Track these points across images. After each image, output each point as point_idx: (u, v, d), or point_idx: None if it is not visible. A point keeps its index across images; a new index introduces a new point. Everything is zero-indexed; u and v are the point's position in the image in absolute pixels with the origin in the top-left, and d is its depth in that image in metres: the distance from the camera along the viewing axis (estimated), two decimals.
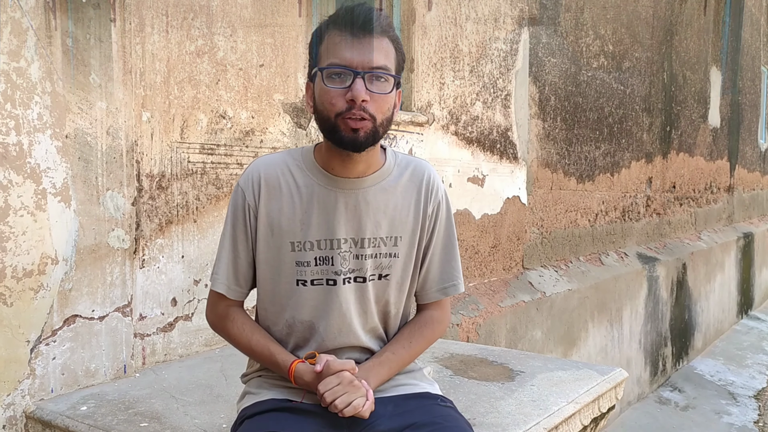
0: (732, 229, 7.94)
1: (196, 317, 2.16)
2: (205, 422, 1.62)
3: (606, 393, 1.92)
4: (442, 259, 1.40)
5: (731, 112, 7.92)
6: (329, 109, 1.21)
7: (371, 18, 1.20)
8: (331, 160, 1.30)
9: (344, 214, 1.30)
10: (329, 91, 1.21)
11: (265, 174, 1.32)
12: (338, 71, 1.20)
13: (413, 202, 1.35)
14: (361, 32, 1.20)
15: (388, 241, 1.33)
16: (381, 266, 1.33)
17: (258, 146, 2.33)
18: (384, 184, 1.33)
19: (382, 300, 1.35)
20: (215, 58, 2.17)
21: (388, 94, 1.23)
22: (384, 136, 1.27)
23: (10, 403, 1.70)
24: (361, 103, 1.19)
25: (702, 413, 5.04)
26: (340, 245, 1.30)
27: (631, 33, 5.34)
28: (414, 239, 1.36)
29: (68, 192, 1.80)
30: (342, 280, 1.31)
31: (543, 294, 3.90)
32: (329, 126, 1.23)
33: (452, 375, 2.00)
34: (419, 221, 1.36)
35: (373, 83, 1.21)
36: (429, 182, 1.37)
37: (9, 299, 1.68)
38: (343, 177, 1.30)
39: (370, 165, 1.31)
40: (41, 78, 1.73)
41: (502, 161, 3.76)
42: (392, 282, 1.34)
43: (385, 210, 1.32)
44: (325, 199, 1.30)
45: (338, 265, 1.30)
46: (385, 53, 1.22)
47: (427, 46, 3.19)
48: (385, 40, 1.23)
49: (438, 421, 1.23)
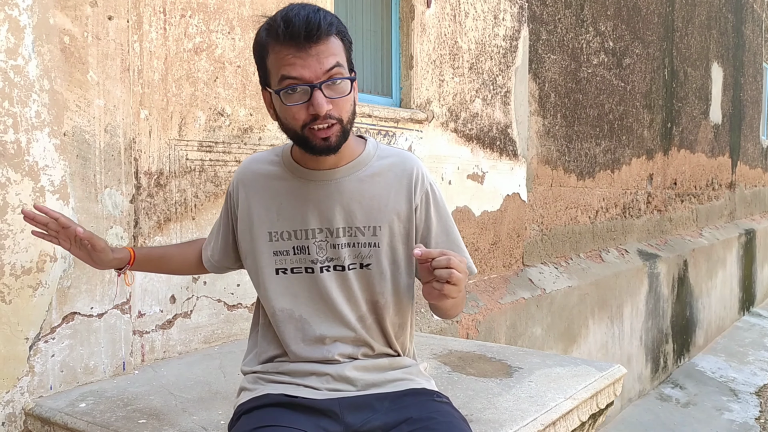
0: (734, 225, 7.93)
1: (195, 314, 2.17)
2: (203, 419, 1.62)
3: (604, 389, 1.92)
4: (448, 246, 1.38)
5: (733, 109, 7.91)
6: (294, 123, 1.21)
7: (312, 27, 1.15)
8: (303, 156, 1.31)
9: (317, 204, 1.32)
10: (290, 108, 1.20)
11: (250, 169, 1.40)
12: (293, 88, 1.18)
13: (394, 192, 1.33)
14: (306, 43, 1.16)
15: (366, 230, 1.32)
16: (361, 255, 1.33)
17: (256, 143, 2.33)
18: (360, 174, 1.33)
19: (367, 289, 1.35)
20: (213, 56, 2.18)
21: (349, 96, 1.22)
22: (351, 129, 1.27)
23: (9, 400, 1.71)
24: (326, 114, 1.18)
25: (703, 410, 5.04)
26: (315, 234, 1.32)
27: (632, 29, 5.33)
28: (398, 229, 1.34)
29: (66, 189, 1.81)
30: (319, 269, 1.32)
31: (543, 291, 3.90)
32: (298, 138, 1.24)
33: (450, 371, 2.00)
34: (404, 212, 1.34)
35: (331, 89, 1.19)
36: (413, 172, 1.35)
37: (8, 297, 1.69)
38: (315, 169, 1.32)
39: (342, 156, 1.31)
40: (39, 76, 1.73)
41: (501, 158, 3.76)
42: (374, 270, 1.34)
43: (360, 200, 1.32)
44: (297, 190, 1.33)
45: (314, 253, 1.32)
46: (333, 53, 1.18)
47: (426, 43, 3.19)
48: (330, 39, 1.18)
49: (433, 416, 1.24)
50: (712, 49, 7.12)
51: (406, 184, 1.34)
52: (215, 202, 2.21)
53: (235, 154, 2.26)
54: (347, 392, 1.31)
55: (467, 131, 3.48)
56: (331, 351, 1.33)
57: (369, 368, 1.35)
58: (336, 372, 1.32)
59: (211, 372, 1.97)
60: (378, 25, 3.13)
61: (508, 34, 3.77)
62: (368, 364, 1.35)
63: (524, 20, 3.90)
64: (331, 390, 1.31)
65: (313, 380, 1.32)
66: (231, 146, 2.25)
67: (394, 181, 1.34)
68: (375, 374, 1.35)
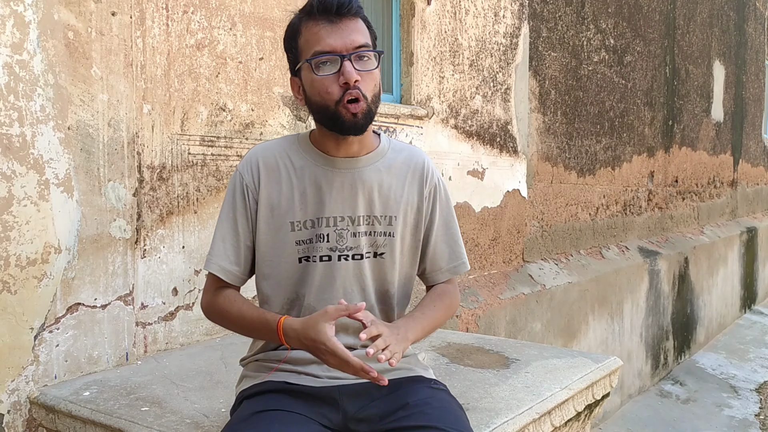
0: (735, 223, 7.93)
1: (196, 307, 2.20)
2: (204, 407, 1.65)
3: (600, 380, 1.95)
4: (446, 240, 1.46)
5: (735, 107, 7.91)
6: (326, 98, 1.25)
7: (344, 2, 1.24)
8: (326, 142, 1.34)
9: (340, 192, 1.34)
10: (321, 79, 1.25)
11: (263, 158, 1.37)
12: (325, 59, 1.24)
13: (407, 184, 1.39)
14: (337, 17, 1.25)
15: (383, 219, 1.37)
16: (376, 244, 1.36)
17: (258, 138, 2.36)
18: (379, 165, 1.37)
19: (378, 279, 1.38)
20: (215, 52, 2.21)
21: (375, 70, 1.28)
22: (376, 113, 1.31)
23: (15, 389, 1.74)
24: (355, 83, 1.23)
25: (703, 406, 5.06)
26: (336, 222, 1.34)
27: (633, 27, 5.34)
28: (409, 220, 1.40)
29: (71, 182, 1.84)
30: (337, 257, 1.34)
31: (543, 286, 3.92)
32: (329, 114, 1.27)
33: (448, 362, 2.03)
34: (416, 203, 1.40)
35: (359, 63, 1.26)
36: (424, 166, 1.42)
37: (13, 287, 1.72)
38: (338, 157, 1.35)
39: (364, 145, 1.36)
40: (44, 70, 1.76)
41: (502, 155, 3.78)
42: (387, 260, 1.38)
43: (379, 189, 1.36)
44: (321, 178, 1.34)
45: (333, 241, 1.34)
46: (362, 32, 1.27)
47: (426, 40, 3.21)
48: (358, 20, 1.27)
49: (428, 401, 1.26)
50: (713, 47, 7.13)
51: (418, 177, 1.40)
52: (217, 196, 2.24)
53: (237, 149, 2.29)
54: (347, 380, 1.34)
55: (467, 128, 3.50)
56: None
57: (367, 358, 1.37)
58: None
59: (213, 363, 2.00)
60: (378, 22, 3.16)
61: (509, 32, 3.79)
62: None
63: (525, 17, 3.92)
64: (331, 378, 1.33)
65: (314, 368, 1.34)
66: (233, 141, 2.28)
67: (408, 173, 1.40)
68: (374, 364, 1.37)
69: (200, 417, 1.59)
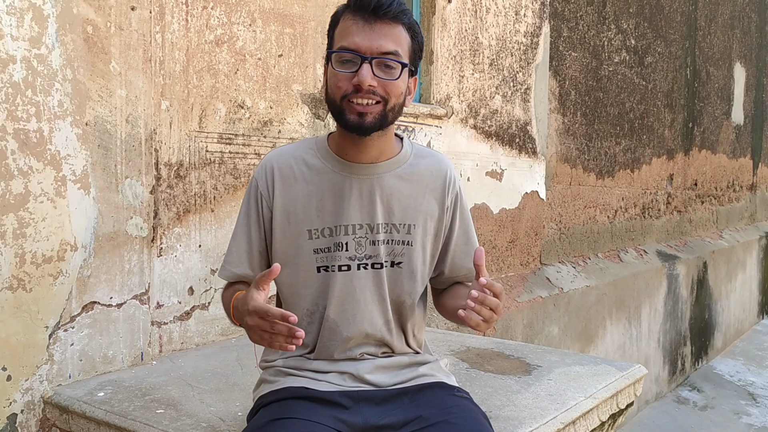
0: (754, 227, 7.82)
1: (212, 306, 2.17)
2: (220, 410, 1.62)
3: (624, 389, 1.90)
4: (466, 249, 1.41)
5: (755, 110, 7.80)
6: (336, 91, 1.22)
7: (383, 3, 1.20)
8: (345, 146, 1.30)
9: (359, 199, 1.30)
10: (337, 74, 1.22)
11: (279, 164, 1.33)
12: (347, 56, 1.21)
13: (429, 192, 1.35)
14: (372, 17, 1.20)
15: (401, 228, 1.32)
16: (394, 253, 1.32)
17: (276, 136, 2.32)
18: (399, 172, 1.32)
19: (395, 288, 1.34)
20: (234, 48, 2.17)
21: (396, 81, 1.22)
22: (394, 121, 1.26)
23: (29, 388, 1.72)
24: (369, 88, 1.19)
25: (721, 413, 4.98)
26: (355, 230, 1.30)
27: (654, 27, 5.26)
28: (429, 229, 1.35)
29: (88, 179, 1.81)
30: (356, 266, 1.30)
31: (560, 290, 3.87)
32: (336, 109, 1.24)
33: (468, 368, 1.98)
34: (437, 212, 1.36)
35: (381, 69, 1.21)
36: (447, 174, 1.37)
37: (28, 285, 1.70)
38: (356, 162, 1.30)
39: (383, 151, 1.31)
40: (62, 65, 1.74)
41: (520, 156, 3.73)
42: (404, 269, 1.33)
43: (399, 197, 1.32)
44: (339, 184, 1.30)
45: (352, 250, 1.30)
46: (395, 39, 1.21)
47: (446, 38, 3.16)
48: (398, 26, 1.22)
49: (452, 410, 1.22)
50: (735, 49, 7.02)
51: (440, 186, 1.36)
52: (234, 195, 2.20)
53: (255, 147, 2.26)
54: (367, 386, 1.31)
55: (486, 128, 3.45)
56: (354, 351, 1.33)
57: (388, 367, 1.34)
58: (357, 371, 1.31)
59: (229, 364, 1.97)
60: None
61: (529, 31, 3.74)
62: (387, 362, 1.35)
63: (545, 17, 3.87)
64: (351, 384, 1.31)
65: (334, 377, 1.31)
66: (251, 139, 2.25)
67: (430, 181, 1.35)
68: (395, 372, 1.34)
69: (216, 421, 1.55)
